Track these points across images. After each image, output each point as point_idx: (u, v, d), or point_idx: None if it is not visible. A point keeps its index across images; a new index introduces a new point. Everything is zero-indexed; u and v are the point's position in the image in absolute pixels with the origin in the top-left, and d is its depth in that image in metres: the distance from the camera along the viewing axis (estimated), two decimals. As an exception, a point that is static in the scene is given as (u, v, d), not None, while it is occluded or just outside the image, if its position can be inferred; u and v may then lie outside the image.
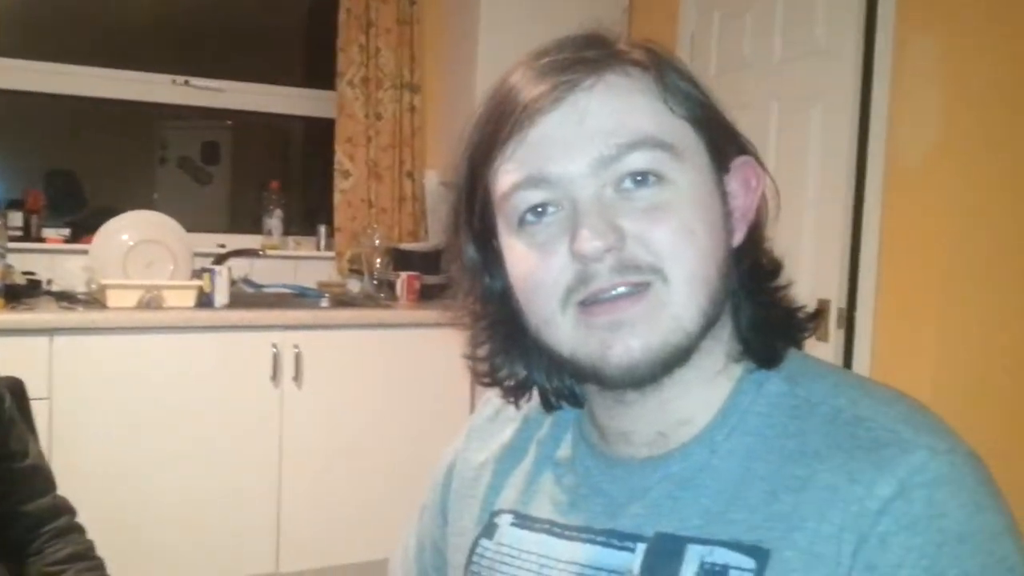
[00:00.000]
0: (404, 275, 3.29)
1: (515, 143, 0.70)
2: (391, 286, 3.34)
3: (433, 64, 3.71)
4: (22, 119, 3.39)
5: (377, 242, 3.46)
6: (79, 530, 1.42)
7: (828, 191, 2.53)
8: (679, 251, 0.68)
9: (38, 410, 2.33)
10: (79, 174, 3.59)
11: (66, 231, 3.26)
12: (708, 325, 0.70)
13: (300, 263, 3.58)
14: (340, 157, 3.55)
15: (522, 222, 0.71)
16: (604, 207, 0.68)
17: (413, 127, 3.62)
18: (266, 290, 3.38)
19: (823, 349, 2.47)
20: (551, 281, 0.69)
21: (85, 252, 3.03)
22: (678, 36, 3.20)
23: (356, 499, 2.97)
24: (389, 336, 3.04)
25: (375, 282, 3.40)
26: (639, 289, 0.67)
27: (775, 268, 0.77)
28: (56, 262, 3.15)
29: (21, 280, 2.93)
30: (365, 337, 3.03)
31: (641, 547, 0.71)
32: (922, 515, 0.62)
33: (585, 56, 0.70)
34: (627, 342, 0.68)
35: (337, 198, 3.56)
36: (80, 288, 3.05)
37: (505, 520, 0.81)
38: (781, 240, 0.80)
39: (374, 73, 3.55)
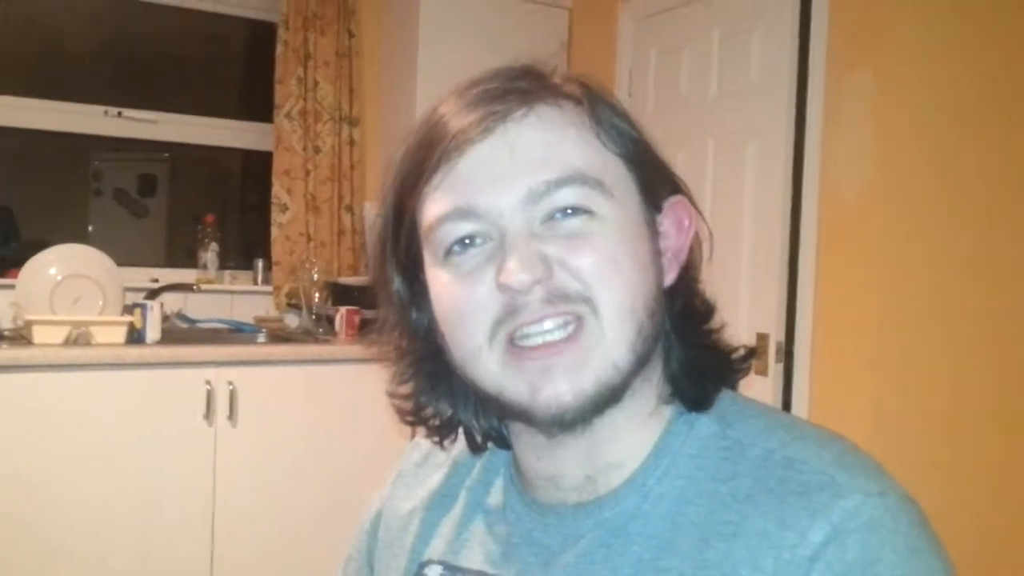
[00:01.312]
0: (343, 310, 3.24)
1: (443, 173, 0.68)
2: (330, 321, 3.29)
3: (372, 97, 3.70)
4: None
5: (315, 276, 3.41)
6: None
7: (765, 226, 2.57)
8: (604, 279, 0.67)
9: (-43, 452, 2.25)
10: (10, 206, 3.49)
11: (-3, 263, 3.17)
12: (639, 362, 0.69)
13: (236, 298, 3.51)
14: (278, 190, 3.50)
15: (448, 253, 0.69)
16: (531, 239, 0.67)
17: (352, 160, 3.59)
18: (200, 325, 3.31)
19: (762, 383, 2.49)
20: (477, 312, 0.68)
21: (11, 287, 2.93)
22: (616, 72, 3.23)
23: (292, 541, 2.90)
24: (328, 372, 2.99)
25: (313, 317, 3.35)
26: (568, 323, 0.66)
27: (707, 310, 0.76)
28: (-20, 297, 3.05)
29: (-58, 316, 2.83)
30: (303, 373, 2.97)
31: None
32: (856, 561, 0.61)
33: (517, 87, 0.69)
34: (557, 387, 0.66)
35: (275, 232, 3.50)
36: (5, 324, 2.94)
37: (434, 571, 0.79)
38: (719, 275, 0.79)
39: (312, 106, 3.52)
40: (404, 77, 3.48)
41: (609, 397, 0.68)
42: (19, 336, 2.81)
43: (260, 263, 3.59)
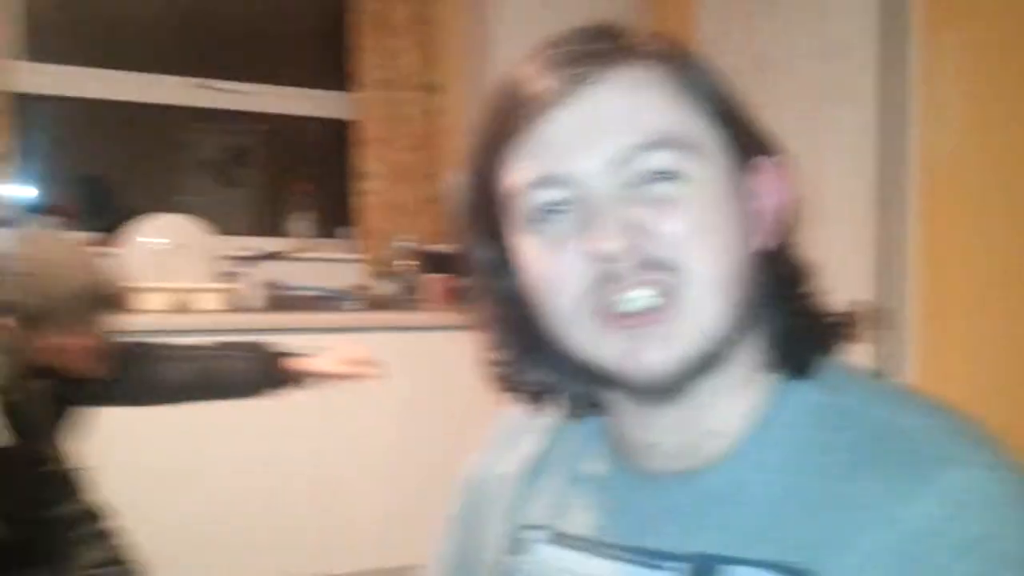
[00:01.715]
0: (432, 277, 3.29)
1: (525, 140, 0.67)
2: (419, 288, 3.34)
3: (455, 63, 3.70)
4: (53, 124, 3.43)
5: (404, 244, 3.46)
6: (114, 534, 1.43)
7: (858, 189, 2.50)
8: (694, 245, 0.65)
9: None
10: (110, 178, 3.62)
11: (97, 235, 3.29)
12: (732, 329, 0.67)
13: (328, 266, 3.58)
14: (364, 159, 3.55)
15: (533, 220, 0.68)
16: (618, 204, 0.65)
17: (437, 127, 3.62)
18: (295, 293, 3.39)
19: (862, 349, 2.44)
20: (566, 281, 0.67)
21: (115, 255, 3.05)
22: (694, 34, 3.17)
23: (390, 503, 2.97)
24: (417, 338, 3.04)
25: (403, 284, 3.40)
26: (660, 293, 0.65)
27: (804, 273, 0.73)
28: (87, 266, 3.18)
29: (53, 285, 2.96)
30: (394, 340, 3.02)
31: (675, 566, 0.68)
32: (967, 537, 0.59)
33: (598, 48, 0.67)
34: (649, 353, 0.65)
35: (363, 200, 3.56)
36: (111, 292, 3.07)
37: (534, 536, 0.78)
38: (814, 240, 0.77)
39: (395, 74, 3.55)
40: (484, 42, 3.47)
41: (702, 365, 0.66)
42: (124, 303, 2.93)
43: (350, 231, 3.65)
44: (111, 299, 1.64)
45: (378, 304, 3.32)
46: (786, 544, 0.64)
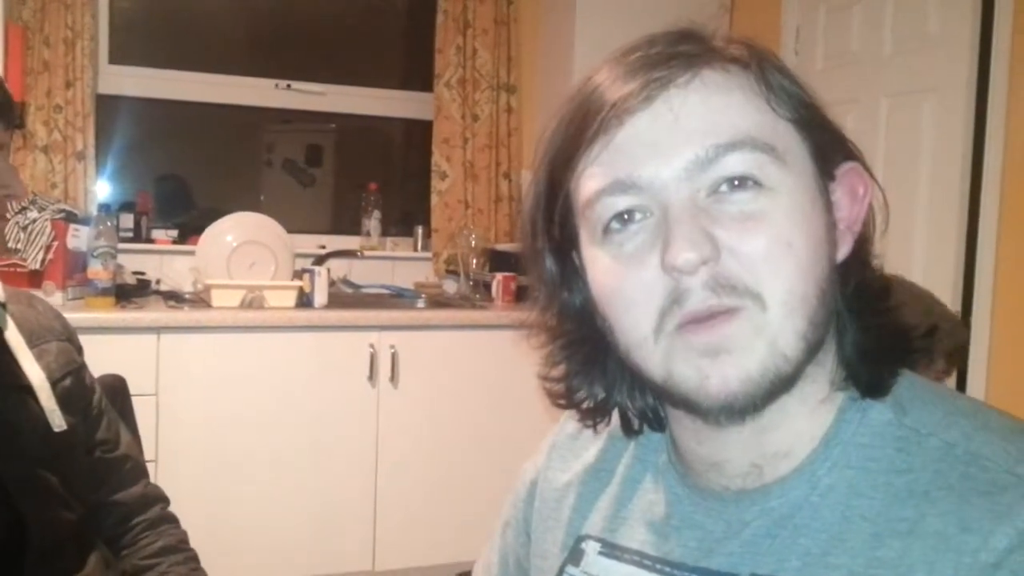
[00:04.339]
0: (500, 276, 3.28)
1: (601, 145, 0.64)
2: (487, 287, 3.34)
3: (530, 64, 3.70)
4: (133, 124, 3.51)
5: (473, 243, 3.46)
6: (171, 520, 1.43)
7: (941, 189, 2.42)
8: (775, 265, 0.62)
9: (145, 406, 2.41)
10: (188, 177, 3.70)
11: (174, 232, 3.36)
12: (810, 349, 0.64)
13: (397, 264, 3.61)
14: (437, 158, 3.57)
15: (607, 230, 0.65)
16: (697, 213, 0.62)
17: (510, 127, 3.62)
18: (364, 291, 3.42)
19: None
20: (642, 299, 0.64)
21: (192, 253, 3.11)
22: (782, 30, 3.11)
23: (451, 499, 2.97)
24: (485, 337, 3.04)
25: (471, 283, 3.40)
26: (733, 306, 0.62)
27: (883, 287, 0.70)
28: (164, 262, 3.26)
29: (131, 280, 3.03)
30: (461, 338, 3.03)
31: None
32: None
33: (680, 51, 0.65)
34: (725, 372, 0.62)
35: (434, 199, 3.58)
36: (187, 288, 3.13)
37: (592, 547, 0.77)
38: (889, 245, 0.73)
39: (471, 74, 3.56)
40: (562, 42, 3.45)
41: (780, 386, 0.63)
42: (199, 299, 2.99)
43: (420, 230, 3.67)
44: (951, 334, 1.63)
45: (446, 302, 3.32)
46: (846, 569, 0.61)
